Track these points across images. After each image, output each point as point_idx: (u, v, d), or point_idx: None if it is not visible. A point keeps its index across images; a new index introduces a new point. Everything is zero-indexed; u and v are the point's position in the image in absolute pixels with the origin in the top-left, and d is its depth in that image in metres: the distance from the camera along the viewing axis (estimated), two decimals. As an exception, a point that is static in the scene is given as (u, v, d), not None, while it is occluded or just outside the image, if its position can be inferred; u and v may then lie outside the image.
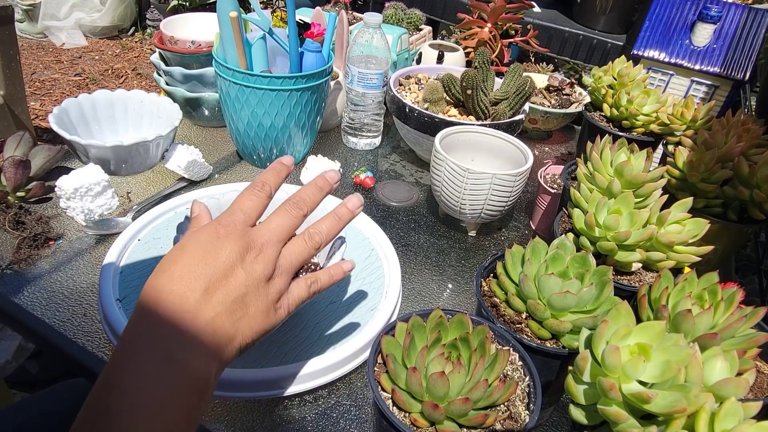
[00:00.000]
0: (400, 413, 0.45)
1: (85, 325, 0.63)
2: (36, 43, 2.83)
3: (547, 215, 0.86)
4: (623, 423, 0.39)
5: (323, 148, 1.04)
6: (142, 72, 2.71)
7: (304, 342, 0.61)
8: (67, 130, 0.79)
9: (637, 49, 1.09)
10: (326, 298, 0.67)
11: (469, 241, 0.86)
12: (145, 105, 0.89)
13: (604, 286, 0.51)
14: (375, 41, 0.94)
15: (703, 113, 0.84)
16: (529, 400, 0.47)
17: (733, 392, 0.39)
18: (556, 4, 1.58)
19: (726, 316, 0.48)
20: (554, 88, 1.19)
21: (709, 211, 0.71)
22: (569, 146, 1.18)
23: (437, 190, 0.81)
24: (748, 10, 1.05)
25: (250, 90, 0.83)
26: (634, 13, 1.45)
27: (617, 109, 0.89)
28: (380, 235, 0.76)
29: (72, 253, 0.72)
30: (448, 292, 0.75)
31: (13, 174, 0.74)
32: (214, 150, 0.99)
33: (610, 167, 0.67)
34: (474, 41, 1.24)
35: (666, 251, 0.60)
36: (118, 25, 3.01)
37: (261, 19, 0.84)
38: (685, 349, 0.40)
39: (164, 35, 0.97)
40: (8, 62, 1.47)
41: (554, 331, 0.52)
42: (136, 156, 0.80)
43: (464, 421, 0.43)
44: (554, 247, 0.55)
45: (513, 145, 0.84)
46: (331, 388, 0.60)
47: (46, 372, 1.13)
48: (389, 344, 0.47)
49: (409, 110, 0.91)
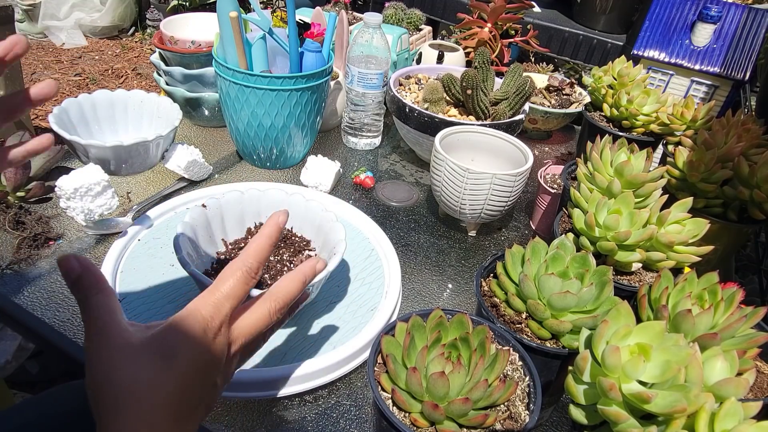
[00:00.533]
0: (400, 413, 0.45)
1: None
2: (36, 43, 2.83)
3: (547, 215, 0.86)
4: (623, 423, 0.39)
5: (323, 148, 1.04)
6: (142, 72, 2.71)
7: (304, 342, 0.61)
8: (67, 130, 0.79)
9: (637, 49, 1.09)
10: (326, 298, 0.67)
11: (469, 241, 0.86)
12: (145, 105, 0.89)
13: (604, 286, 0.51)
14: (375, 41, 0.94)
15: (703, 113, 0.84)
16: (529, 400, 0.47)
17: (733, 392, 0.39)
18: (556, 4, 1.58)
19: (726, 316, 0.48)
20: (554, 88, 1.19)
21: (709, 211, 0.71)
22: (569, 146, 1.18)
23: (437, 190, 0.81)
24: (748, 10, 1.05)
25: (250, 90, 0.83)
26: (634, 13, 1.45)
27: (617, 109, 0.89)
28: (380, 235, 0.76)
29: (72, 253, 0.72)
30: (448, 292, 0.75)
31: (13, 174, 0.74)
32: (214, 150, 0.99)
33: (610, 167, 0.67)
34: (474, 41, 1.24)
35: (666, 251, 0.60)
36: (118, 25, 3.01)
37: (261, 19, 0.84)
38: (685, 349, 0.40)
39: (164, 35, 0.97)
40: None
41: (554, 331, 0.52)
42: (136, 156, 0.80)
43: (464, 421, 0.43)
44: (554, 247, 0.55)
45: (513, 145, 0.84)
46: (331, 388, 0.60)
47: (46, 372, 1.13)
48: (389, 344, 0.47)
49: (409, 110, 0.91)
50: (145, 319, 0.60)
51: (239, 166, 0.96)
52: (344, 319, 0.64)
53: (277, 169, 0.96)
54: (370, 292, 0.68)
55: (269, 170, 0.95)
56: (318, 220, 0.68)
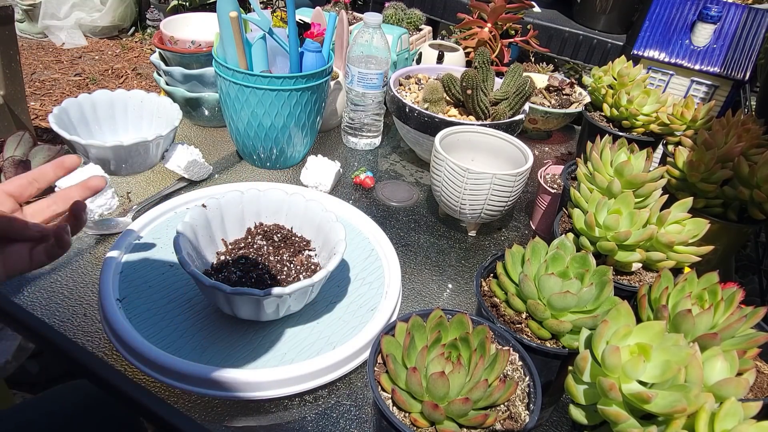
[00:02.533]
0: (400, 413, 0.45)
1: (85, 325, 0.63)
2: (36, 43, 2.83)
3: (547, 215, 0.86)
4: (623, 423, 0.39)
5: (323, 148, 1.04)
6: (142, 72, 2.71)
7: (304, 342, 0.61)
8: (67, 130, 0.79)
9: (637, 49, 1.09)
10: (326, 298, 0.67)
11: (469, 241, 0.86)
12: (145, 105, 0.89)
13: (604, 286, 0.51)
14: (375, 41, 0.94)
15: (703, 113, 0.84)
16: (529, 400, 0.47)
17: (733, 392, 0.39)
18: (556, 4, 1.58)
19: (726, 316, 0.48)
20: (554, 88, 1.19)
21: (709, 211, 0.71)
22: (569, 146, 1.18)
23: (437, 190, 0.81)
24: (748, 10, 1.05)
25: (250, 90, 0.83)
26: (634, 13, 1.45)
27: (617, 109, 0.89)
28: (380, 235, 0.76)
29: (72, 253, 0.72)
30: (448, 292, 0.75)
31: (13, 174, 0.74)
32: (214, 150, 0.99)
33: (610, 167, 0.67)
34: (474, 41, 1.24)
35: (666, 251, 0.60)
36: (118, 25, 3.01)
37: (261, 19, 0.84)
38: (685, 349, 0.40)
39: (164, 35, 0.97)
40: (8, 62, 1.47)
41: (554, 331, 0.52)
42: (136, 156, 0.80)
43: (464, 421, 0.43)
44: (554, 247, 0.55)
45: (513, 145, 0.84)
46: (331, 388, 0.60)
47: (47, 372, 1.13)
48: (389, 344, 0.47)
49: (409, 110, 0.91)
50: (145, 319, 0.60)
51: (239, 166, 0.96)
52: (344, 319, 0.64)
53: (277, 169, 0.96)
54: (370, 292, 0.68)
55: (269, 170, 0.95)
56: (318, 220, 0.68)
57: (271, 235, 0.69)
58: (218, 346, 0.59)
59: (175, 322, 0.61)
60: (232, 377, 0.54)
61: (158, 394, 0.57)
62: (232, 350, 0.59)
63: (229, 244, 0.68)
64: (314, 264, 0.67)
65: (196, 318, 0.62)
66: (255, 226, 0.70)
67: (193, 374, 0.54)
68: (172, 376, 0.55)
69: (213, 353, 0.58)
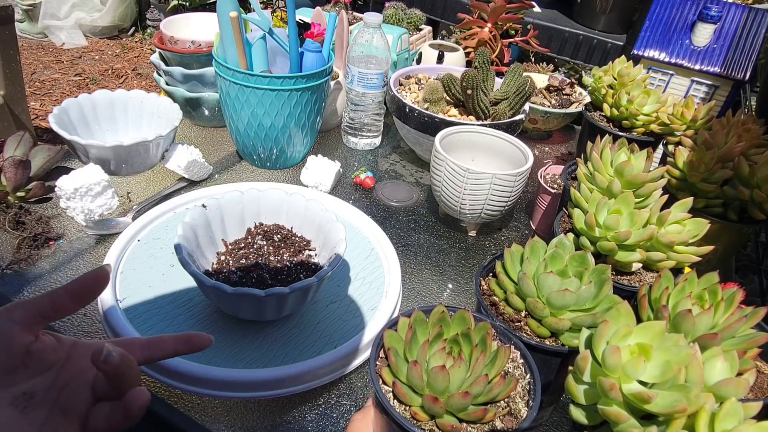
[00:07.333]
0: (401, 406, 0.45)
1: (85, 325, 0.63)
2: (36, 43, 2.83)
3: (547, 215, 0.86)
4: (623, 423, 0.39)
5: (323, 148, 1.04)
6: (142, 72, 2.71)
7: (304, 342, 0.61)
8: (67, 130, 0.79)
9: (637, 49, 1.09)
10: (326, 298, 0.67)
11: (469, 241, 0.86)
12: (145, 105, 0.89)
13: (602, 284, 0.51)
14: (375, 41, 0.94)
15: (703, 113, 0.84)
16: (529, 398, 0.47)
17: (733, 392, 0.39)
18: (556, 4, 1.58)
19: (726, 316, 0.48)
20: (554, 88, 1.19)
21: (709, 211, 0.71)
22: (569, 146, 1.18)
23: (437, 190, 0.81)
24: (748, 10, 1.05)
25: (250, 90, 0.83)
26: (634, 13, 1.45)
27: (617, 109, 0.89)
28: (380, 235, 0.76)
29: (72, 253, 0.72)
30: (448, 292, 0.75)
31: (13, 174, 0.74)
32: (214, 150, 0.99)
33: (610, 167, 0.67)
34: (474, 41, 1.24)
35: (666, 251, 0.60)
36: (118, 25, 3.01)
37: (261, 19, 0.84)
38: (686, 349, 0.40)
39: (164, 35, 0.97)
40: (8, 62, 1.47)
41: (553, 329, 0.52)
42: (136, 156, 0.80)
43: (464, 416, 0.43)
44: (553, 245, 0.55)
45: (513, 145, 0.84)
46: (331, 388, 0.60)
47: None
48: (391, 338, 0.47)
49: (409, 110, 0.91)
50: (145, 319, 0.60)
51: (239, 166, 0.96)
52: (344, 319, 0.64)
53: (277, 169, 0.96)
54: (371, 291, 0.68)
55: (269, 170, 0.95)
56: (318, 220, 0.68)
57: (271, 235, 0.69)
58: (219, 346, 0.59)
59: (176, 323, 0.61)
60: (232, 377, 0.54)
61: (158, 394, 0.57)
62: (233, 350, 0.59)
63: (229, 245, 0.68)
64: (314, 264, 0.67)
65: (196, 318, 0.62)
66: (255, 226, 0.70)
67: (193, 374, 0.54)
68: (172, 376, 0.54)
69: (213, 353, 0.58)
